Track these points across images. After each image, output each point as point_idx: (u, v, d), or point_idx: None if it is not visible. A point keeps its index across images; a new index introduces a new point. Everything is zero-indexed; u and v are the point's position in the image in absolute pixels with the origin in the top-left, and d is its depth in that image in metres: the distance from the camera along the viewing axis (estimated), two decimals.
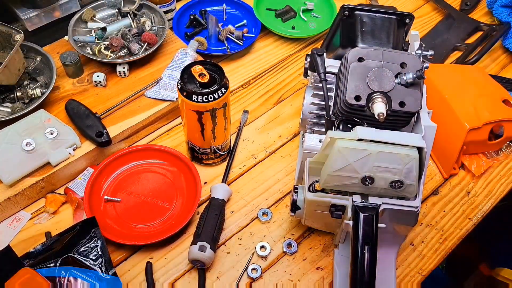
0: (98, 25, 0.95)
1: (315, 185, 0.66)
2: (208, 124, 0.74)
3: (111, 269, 0.68)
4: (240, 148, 0.88)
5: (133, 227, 0.76)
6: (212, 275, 0.73)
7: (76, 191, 0.79)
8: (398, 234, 0.71)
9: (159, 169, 0.82)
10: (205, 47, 0.99)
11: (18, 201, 0.76)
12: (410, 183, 0.58)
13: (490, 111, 0.82)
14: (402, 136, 0.58)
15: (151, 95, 0.88)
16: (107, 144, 0.80)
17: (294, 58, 1.04)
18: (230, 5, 1.10)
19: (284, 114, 0.94)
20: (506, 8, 1.08)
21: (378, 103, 0.60)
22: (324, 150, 0.60)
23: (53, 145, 0.77)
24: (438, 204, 0.82)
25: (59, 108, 0.86)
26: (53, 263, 0.65)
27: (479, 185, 0.85)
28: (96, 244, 0.69)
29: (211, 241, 0.71)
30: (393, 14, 0.73)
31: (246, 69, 1.01)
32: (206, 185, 0.82)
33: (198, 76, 0.70)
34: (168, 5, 1.02)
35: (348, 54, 0.64)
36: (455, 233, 0.79)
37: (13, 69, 0.81)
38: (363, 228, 0.59)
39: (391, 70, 0.62)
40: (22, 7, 0.91)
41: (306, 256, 0.75)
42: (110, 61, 0.90)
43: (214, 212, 0.74)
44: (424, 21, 1.14)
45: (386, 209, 0.62)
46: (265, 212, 0.79)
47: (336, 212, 0.63)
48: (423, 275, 0.74)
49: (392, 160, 0.57)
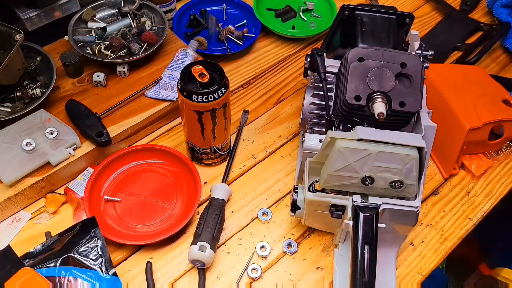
0: (98, 25, 0.95)
1: (315, 185, 0.66)
2: (208, 124, 0.74)
3: (111, 269, 0.68)
4: (240, 148, 0.88)
5: (133, 227, 0.76)
6: (212, 275, 0.73)
7: (76, 191, 0.79)
8: (398, 234, 0.71)
9: (159, 169, 0.82)
10: (205, 47, 0.99)
11: (18, 201, 0.76)
12: (410, 183, 0.58)
13: (490, 111, 0.82)
14: (402, 136, 0.58)
15: (151, 95, 0.88)
16: (107, 144, 0.80)
17: (294, 58, 1.04)
18: (230, 5, 1.10)
19: (284, 114, 0.94)
20: (506, 8, 1.08)
21: (378, 103, 0.60)
22: (324, 150, 0.60)
23: (53, 145, 0.77)
24: (438, 204, 0.82)
25: (59, 108, 0.86)
26: (53, 263, 0.65)
27: (479, 185, 0.85)
28: (96, 244, 0.69)
29: (211, 241, 0.71)
30: (393, 14, 0.73)
31: (246, 69, 1.01)
32: (206, 185, 0.82)
33: (198, 76, 0.70)
34: (168, 5, 1.02)
35: (348, 54, 0.64)
36: (455, 233, 0.79)
37: (13, 69, 0.81)
38: (363, 228, 0.59)
39: (391, 70, 0.62)
40: (22, 7, 0.91)
41: (306, 256, 0.75)
42: (110, 61, 0.90)
43: (214, 212, 0.74)
44: (424, 21, 1.14)
45: (386, 209, 0.62)
46: (265, 212, 0.79)
47: (336, 212, 0.64)
48: (423, 275, 0.74)
49: (392, 160, 0.57)
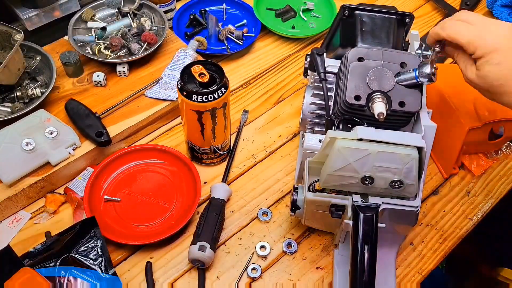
0: (98, 24, 0.95)
1: (315, 185, 0.66)
2: (208, 124, 0.74)
3: (111, 269, 0.68)
4: (240, 148, 0.88)
5: (133, 227, 0.76)
6: (212, 274, 0.73)
7: (76, 191, 0.79)
8: (398, 234, 0.71)
9: (159, 169, 0.82)
10: (205, 46, 0.99)
11: (18, 200, 0.76)
12: (410, 183, 0.58)
13: (490, 111, 0.82)
14: (402, 136, 0.58)
15: (151, 95, 0.88)
16: (107, 143, 0.80)
17: (294, 58, 1.04)
18: (230, 5, 1.10)
19: (284, 114, 0.94)
20: (506, 8, 1.08)
21: (378, 103, 0.60)
22: (324, 149, 0.60)
23: (53, 144, 0.77)
24: (438, 204, 0.82)
25: (59, 107, 0.86)
26: (53, 263, 0.65)
27: (479, 185, 0.85)
28: (96, 243, 0.69)
29: (211, 241, 0.71)
30: (393, 14, 0.73)
31: (246, 69, 1.01)
32: (206, 185, 0.82)
33: (198, 75, 0.70)
34: (168, 5, 1.02)
35: (348, 54, 0.64)
36: (455, 233, 0.79)
37: (13, 69, 0.81)
38: (363, 228, 0.59)
39: (391, 70, 0.62)
40: (22, 7, 0.91)
41: (306, 256, 0.75)
42: (110, 60, 0.90)
43: (214, 212, 0.74)
44: (424, 21, 1.14)
45: (386, 208, 0.62)
46: (265, 212, 0.79)
47: (336, 212, 0.64)
48: (422, 275, 0.74)
49: (392, 160, 0.57)
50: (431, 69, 0.59)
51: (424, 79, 0.60)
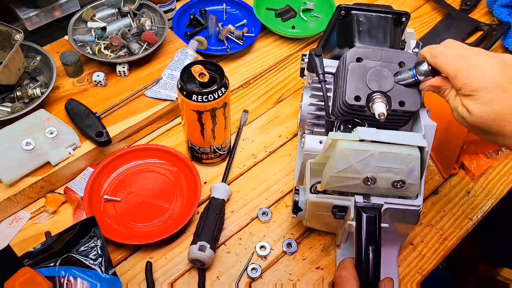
0: (98, 24, 0.95)
1: (316, 186, 0.65)
2: (208, 123, 0.74)
3: (111, 269, 0.68)
4: (240, 147, 0.88)
5: (133, 226, 0.76)
6: (212, 274, 0.73)
7: (76, 191, 0.79)
8: (400, 233, 0.71)
9: (159, 169, 0.82)
10: (205, 46, 0.99)
11: (18, 200, 0.76)
12: (412, 182, 0.58)
13: None
14: (403, 135, 0.58)
15: (151, 95, 0.88)
16: (107, 143, 0.80)
17: (294, 58, 1.04)
18: (230, 5, 1.10)
19: (284, 114, 0.94)
20: (506, 8, 1.08)
21: (378, 103, 0.60)
22: (326, 151, 0.60)
23: (53, 144, 0.77)
24: (438, 204, 0.82)
25: (59, 107, 0.86)
26: (53, 263, 0.65)
27: (479, 185, 0.85)
28: (96, 243, 0.69)
29: (211, 240, 0.71)
30: (389, 13, 0.73)
31: (246, 69, 1.01)
32: (206, 185, 0.82)
33: (198, 75, 0.70)
34: (168, 5, 1.02)
35: (346, 54, 0.64)
36: (455, 233, 0.79)
37: (13, 69, 0.81)
38: (367, 228, 0.59)
39: (389, 69, 0.62)
40: (22, 7, 0.91)
41: (306, 255, 0.75)
42: (110, 60, 0.90)
43: (214, 212, 0.74)
44: (424, 21, 1.14)
45: (388, 208, 0.62)
46: (265, 212, 0.79)
47: (339, 213, 0.63)
48: (422, 275, 0.74)
49: (394, 160, 0.56)
50: (428, 66, 0.60)
51: (422, 77, 0.60)
